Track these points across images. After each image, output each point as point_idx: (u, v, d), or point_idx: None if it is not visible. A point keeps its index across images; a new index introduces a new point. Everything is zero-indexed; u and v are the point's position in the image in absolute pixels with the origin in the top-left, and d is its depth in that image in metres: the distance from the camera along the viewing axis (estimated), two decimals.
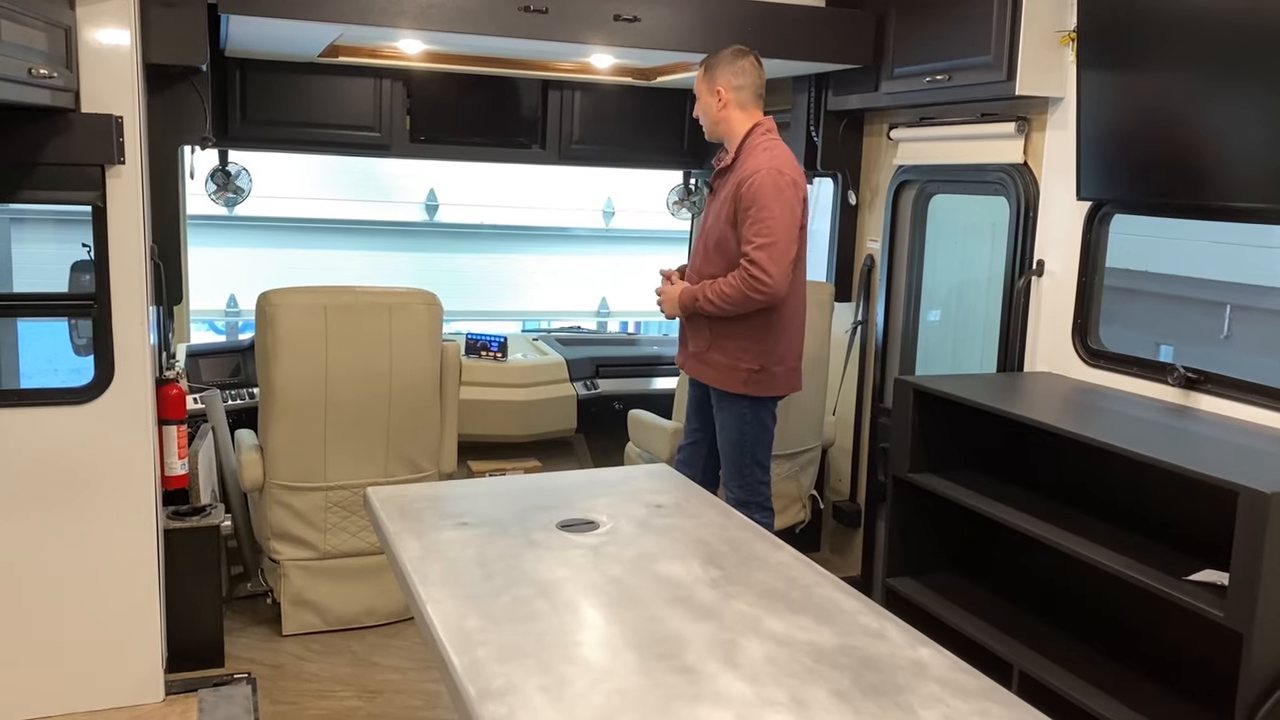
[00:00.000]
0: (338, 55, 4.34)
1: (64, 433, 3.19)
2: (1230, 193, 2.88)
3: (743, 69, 3.51)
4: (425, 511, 2.55)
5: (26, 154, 3.03)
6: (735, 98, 3.50)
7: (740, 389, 3.52)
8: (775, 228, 3.32)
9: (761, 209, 3.33)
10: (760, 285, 3.31)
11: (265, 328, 3.70)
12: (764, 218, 3.33)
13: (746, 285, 3.32)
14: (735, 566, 2.22)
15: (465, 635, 1.85)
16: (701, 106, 3.59)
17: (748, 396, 3.54)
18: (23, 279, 6.45)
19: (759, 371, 3.50)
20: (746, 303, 3.37)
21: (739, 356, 3.50)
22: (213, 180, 4.98)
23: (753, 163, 3.42)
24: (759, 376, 3.51)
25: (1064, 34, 3.38)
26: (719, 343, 3.53)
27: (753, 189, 3.35)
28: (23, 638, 3.25)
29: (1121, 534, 2.82)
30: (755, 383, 3.51)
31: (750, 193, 3.35)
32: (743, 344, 3.49)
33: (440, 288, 4.04)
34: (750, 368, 3.50)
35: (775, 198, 3.34)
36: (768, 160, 3.40)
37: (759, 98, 3.56)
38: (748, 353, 3.49)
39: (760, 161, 3.40)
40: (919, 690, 1.71)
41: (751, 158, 3.45)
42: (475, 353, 4.91)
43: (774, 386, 3.56)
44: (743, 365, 3.50)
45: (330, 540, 3.91)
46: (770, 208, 3.33)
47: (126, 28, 3.09)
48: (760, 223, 3.33)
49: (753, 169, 3.39)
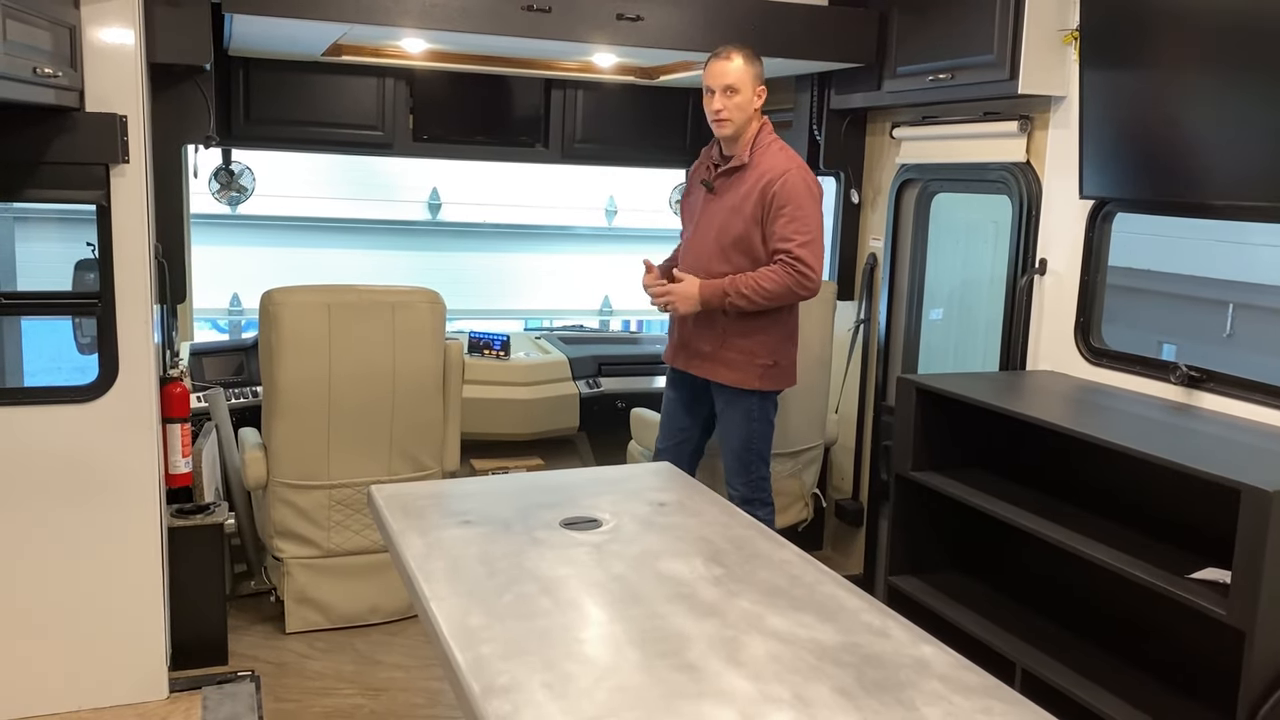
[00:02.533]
0: (341, 54, 4.34)
1: (68, 431, 3.20)
2: (1232, 191, 2.88)
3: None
4: (428, 510, 2.55)
5: (31, 153, 3.04)
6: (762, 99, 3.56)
7: (756, 384, 3.57)
8: (812, 225, 3.45)
9: (798, 208, 3.42)
10: (806, 280, 3.41)
11: (269, 326, 3.71)
12: (801, 216, 3.42)
13: (793, 282, 3.40)
14: (738, 564, 2.23)
15: (469, 632, 1.86)
16: (740, 101, 3.48)
17: (758, 393, 3.58)
18: (27, 278, 6.45)
19: (773, 366, 3.57)
20: (789, 297, 3.46)
21: (754, 352, 3.54)
22: (216, 179, 4.99)
23: (775, 162, 3.48)
24: (773, 371, 3.58)
25: (1066, 33, 3.38)
26: (733, 340, 3.55)
27: (785, 188, 3.43)
28: (27, 635, 3.25)
29: (1124, 532, 2.82)
30: (770, 377, 3.58)
31: (785, 191, 3.43)
32: (759, 339, 3.54)
33: (443, 286, 4.04)
34: (765, 363, 3.55)
35: (808, 196, 3.46)
36: (790, 160, 3.51)
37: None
38: (764, 347, 3.54)
39: (784, 161, 3.49)
40: (922, 688, 1.72)
41: (768, 157, 3.51)
42: (478, 351, 4.91)
43: (784, 380, 3.64)
44: (759, 361, 3.55)
45: (334, 538, 3.92)
46: (805, 206, 3.44)
47: (131, 27, 3.09)
48: (798, 220, 3.42)
49: (780, 168, 3.46)
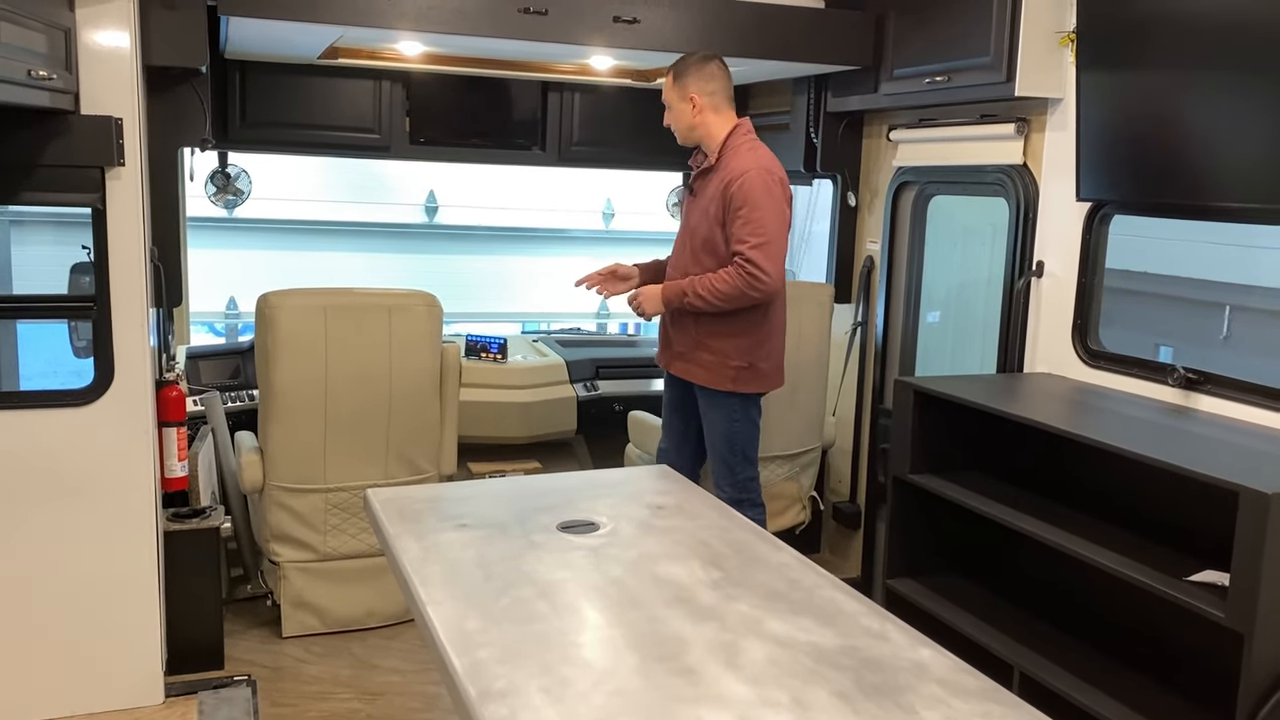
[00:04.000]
0: (337, 57, 4.34)
1: (64, 435, 3.19)
2: (1229, 193, 2.88)
3: (711, 74, 3.53)
4: (425, 513, 2.55)
5: (26, 156, 3.03)
6: (709, 102, 3.53)
7: (729, 386, 3.54)
8: (769, 226, 3.37)
9: (754, 208, 3.37)
10: (757, 283, 3.34)
11: (265, 329, 3.70)
12: (756, 217, 3.37)
13: (744, 283, 3.35)
14: (736, 568, 2.22)
15: (466, 637, 1.85)
16: (674, 115, 3.60)
17: (737, 394, 3.55)
18: (22, 281, 6.45)
19: (747, 368, 3.53)
20: (742, 299, 3.39)
21: (727, 354, 3.52)
22: (212, 182, 4.99)
23: (738, 163, 3.45)
24: (747, 373, 3.54)
25: (1063, 35, 3.38)
26: (706, 341, 3.54)
27: (743, 189, 3.38)
28: (22, 640, 3.24)
29: (1122, 535, 2.82)
30: (743, 379, 3.54)
31: (741, 192, 3.38)
32: (731, 341, 3.51)
33: (440, 289, 4.03)
34: (739, 365, 3.52)
35: (765, 196, 3.39)
36: (753, 160, 3.44)
37: (731, 100, 3.58)
38: (736, 349, 3.51)
39: (746, 161, 3.44)
40: (920, 691, 1.71)
41: (736, 158, 3.47)
42: (475, 354, 4.91)
43: (761, 383, 3.59)
44: (731, 363, 3.52)
45: (330, 542, 3.91)
46: (761, 206, 3.37)
47: (126, 29, 3.09)
48: (753, 222, 3.36)
49: (740, 169, 3.42)
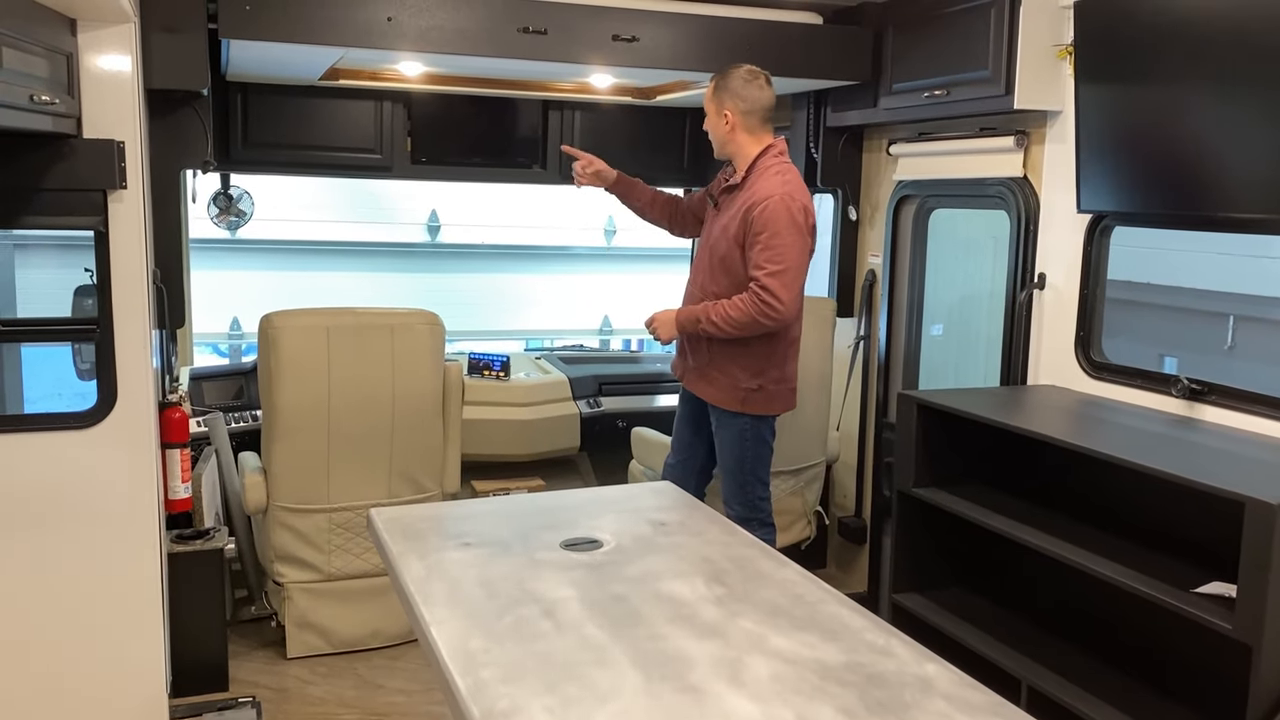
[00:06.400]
0: (338, 78, 4.36)
1: (67, 457, 3.19)
2: (1230, 203, 2.88)
3: (751, 94, 3.48)
4: (428, 532, 2.54)
5: (29, 180, 3.04)
6: (743, 122, 3.50)
7: (739, 407, 3.52)
8: (788, 255, 3.34)
9: (774, 235, 3.34)
10: (771, 311, 3.32)
11: (268, 350, 3.70)
12: (776, 244, 3.34)
13: (757, 310, 3.33)
14: (740, 584, 2.21)
15: (469, 656, 1.84)
16: (709, 125, 3.59)
17: (749, 415, 3.54)
18: (26, 304, 6.47)
19: (757, 391, 3.51)
20: (755, 327, 3.37)
21: (738, 376, 3.50)
22: (215, 204, 5.00)
23: (764, 186, 3.41)
24: (757, 395, 3.51)
25: (1061, 48, 3.39)
26: (719, 361, 3.53)
27: (765, 215, 3.35)
28: (25, 662, 3.23)
29: (1128, 547, 2.80)
30: (754, 401, 3.52)
31: (762, 218, 3.35)
32: (744, 363, 3.49)
33: (442, 308, 4.04)
34: (749, 387, 3.50)
35: (788, 225, 3.35)
36: (780, 186, 3.40)
37: (767, 121, 3.54)
38: (747, 371, 3.49)
39: (773, 186, 3.40)
40: (926, 707, 1.70)
41: (763, 181, 3.44)
42: (478, 372, 4.91)
43: (772, 405, 3.56)
44: (742, 384, 3.50)
45: (334, 562, 3.90)
46: (783, 235, 3.34)
47: (128, 54, 3.10)
48: (772, 249, 3.34)
49: (765, 193, 3.38)
